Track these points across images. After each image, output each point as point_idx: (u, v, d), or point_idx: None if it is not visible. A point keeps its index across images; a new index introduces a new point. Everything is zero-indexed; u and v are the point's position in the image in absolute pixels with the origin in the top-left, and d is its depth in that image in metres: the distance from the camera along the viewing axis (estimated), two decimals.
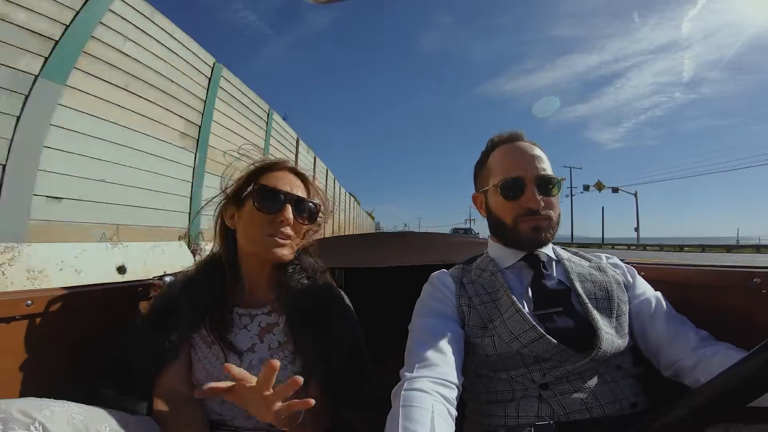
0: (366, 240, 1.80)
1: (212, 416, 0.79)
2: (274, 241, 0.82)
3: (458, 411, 0.63)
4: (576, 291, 0.81)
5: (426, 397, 0.59)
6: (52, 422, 0.53)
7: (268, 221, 0.82)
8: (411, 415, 0.56)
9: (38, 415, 0.52)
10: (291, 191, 0.85)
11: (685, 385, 0.73)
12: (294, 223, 0.84)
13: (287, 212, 0.82)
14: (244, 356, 0.80)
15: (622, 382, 0.74)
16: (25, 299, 0.74)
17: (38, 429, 0.51)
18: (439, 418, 0.56)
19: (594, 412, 0.69)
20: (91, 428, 0.57)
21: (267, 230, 0.82)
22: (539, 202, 0.81)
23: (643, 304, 0.82)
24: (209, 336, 0.81)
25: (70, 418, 0.55)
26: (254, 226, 0.83)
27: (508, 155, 0.88)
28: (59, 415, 0.54)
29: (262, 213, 0.82)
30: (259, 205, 0.82)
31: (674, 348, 0.74)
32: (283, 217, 0.82)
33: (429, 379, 0.64)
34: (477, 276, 0.89)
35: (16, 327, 0.73)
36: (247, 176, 0.86)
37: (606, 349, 0.72)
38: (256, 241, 0.83)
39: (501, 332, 0.76)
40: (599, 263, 0.90)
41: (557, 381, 0.72)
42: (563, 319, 0.77)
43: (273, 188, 0.83)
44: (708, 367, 0.68)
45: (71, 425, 0.55)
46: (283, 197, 0.83)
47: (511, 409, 0.74)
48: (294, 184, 0.87)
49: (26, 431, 0.50)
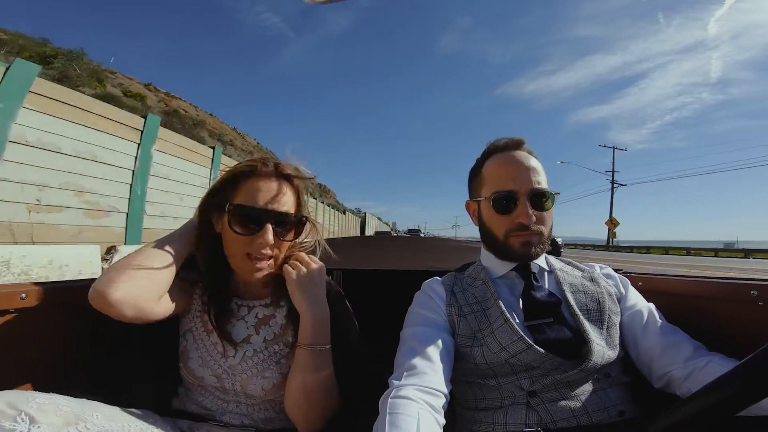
0: (365, 242, 1.80)
1: (200, 411, 0.80)
2: (252, 266, 0.77)
3: (447, 418, 0.63)
4: (567, 302, 0.81)
5: (412, 405, 0.59)
6: (40, 413, 0.52)
7: (246, 242, 0.76)
8: (396, 422, 0.56)
9: (25, 406, 0.52)
10: (271, 207, 0.76)
11: (676, 395, 0.73)
12: (276, 241, 0.77)
13: (267, 234, 0.75)
14: (239, 347, 0.81)
15: (611, 390, 0.74)
16: (19, 292, 0.74)
17: (25, 420, 0.51)
18: (425, 426, 0.56)
19: (581, 420, 0.70)
20: (81, 417, 0.56)
21: (245, 250, 0.77)
22: (531, 217, 0.80)
23: (635, 315, 0.81)
24: (210, 323, 0.81)
25: (58, 408, 0.55)
26: (232, 244, 0.78)
27: (502, 166, 0.85)
28: (46, 406, 0.54)
29: (238, 235, 0.76)
30: (235, 226, 0.75)
31: (666, 359, 0.74)
32: (262, 239, 0.75)
33: (415, 387, 0.63)
34: (468, 284, 0.89)
35: (9, 320, 0.74)
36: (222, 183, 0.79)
37: (596, 360, 0.72)
38: (235, 261, 0.79)
39: (489, 342, 0.76)
40: (592, 274, 0.89)
41: (545, 389, 0.72)
42: (553, 330, 0.76)
43: (249, 207, 0.75)
44: (699, 378, 0.68)
45: (60, 416, 0.54)
46: (262, 216, 0.76)
47: (499, 416, 0.74)
48: (277, 193, 0.78)
49: (13, 423, 0.50)
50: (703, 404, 0.46)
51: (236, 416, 0.80)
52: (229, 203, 0.76)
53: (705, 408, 0.45)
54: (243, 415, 0.80)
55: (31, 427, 0.50)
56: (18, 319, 0.75)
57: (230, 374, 0.79)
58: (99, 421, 0.58)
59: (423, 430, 0.55)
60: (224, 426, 0.78)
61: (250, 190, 0.77)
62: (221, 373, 0.79)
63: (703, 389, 0.46)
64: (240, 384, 0.79)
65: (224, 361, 0.79)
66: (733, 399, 0.44)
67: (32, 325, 0.77)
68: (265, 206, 0.76)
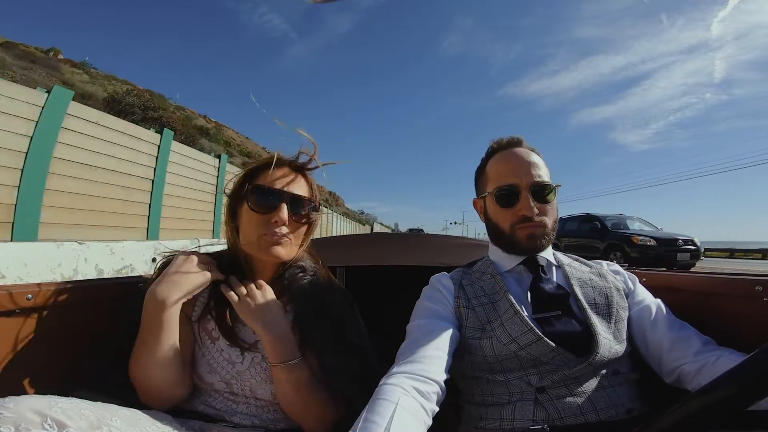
0: (368, 240, 1.80)
1: (210, 412, 0.80)
2: (269, 240, 0.80)
3: (454, 414, 0.63)
4: (575, 295, 0.82)
5: (395, 391, 0.59)
6: (67, 418, 0.52)
7: (263, 221, 0.80)
8: (374, 407, 0.56)
9: (50, 412, 0.51)
10: (287, 189, 0.82)
11: (686, 391, 0.72)
12: (290, 222, 0.81)
13: (282, 212, 0.79)
14: (247, 353, 0.81)
15: (619, 387, 0.74)
16: (25, 293, 0.74)
17: (52, 426, 0.50)
18: (404, 411, 0.56)
19: (589, 417, 0.70)
20: (103, 422, 0.56)
21: (261, 231, 0.80)
22: (533, 209, 0.82)
23: (643, 310, 0.82)
24: (215, 331, 0.81)
25: (81, 413, 0.54)
26: (250, 226, 0.81)
27: (504, 162, 0.89)
28: (70, 411, 0.53)
29: (257, 213, 0.80)
30: (253, 205, 0.80)
31: (676, 353, 0.74)
32: (278, 217, 0.79)
33: (405, 375, 0.64)
34: (477, 278, 0.90)
35: (16, 321, 0.73)
36: (243, 175, 0.85)
37: (603, 353, 0.72)
38: (252, 241, 0.81)
39: (499, 334, 0.77)
40: (600, 269, 0.91)
41: (554, 385, 0.73)
42: (561, 323, 0.77)
43: (267, 187, 0.81)
44: (711, 372, 0.67)
45: (84, 419, 0.53)
46: (278, 196, 0.81)
47: (506, 412, 0.74)
48: (292, 180, 0.84)
49: (40, 430, 0.49)
50: (709, 400, 0.46)
51: (246, 417, 0.80)
52: (248, 185, 0.82)
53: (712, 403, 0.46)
54: (253, 416, 0.80)
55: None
56: (25, 320, 0.75)
57: (239, 380, 0.79)
58: (119, 424, 0.58)
59: (399, 414, 0.54)
60: (234, 426, 0.78)
61: (266, 177, 0.83)
62: (230, 378, 0.79)
63: (710, 385, 0.46)
64: (249, 389, 0.79)
65: (231, 367, 0.79)
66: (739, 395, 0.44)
67: (39, 325, 0.77)
68: (281, 188, 0.81)
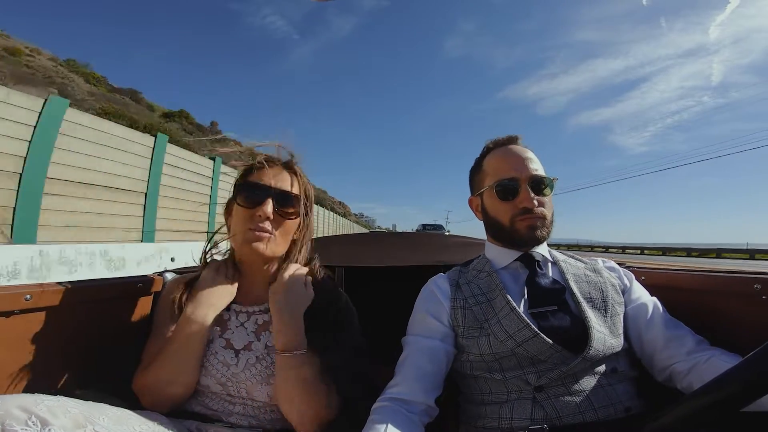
0: (366, 239, 1.79)
1: (206, 412, 0.80)
2: (252, 235, 0.80)
3: (453, 413, 0.64)
4: (571, 290, 0.82)
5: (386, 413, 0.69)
6: (51, 415, 0.53)
7: (249, 216, 0.81)
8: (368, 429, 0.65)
9: (35, 409, 0.52)
10: (274, 185, 0.83)
11: (678, 390, 0.73)
12: (275, 217, 0.82)
13: (266, 206, 0.80)
14: (241, 354, 0.81)
15: (617, 385, 0.74)
16: (24, 293, 0.74)
17: (36, 423, 0.51)
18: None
19: (587, 415, 0.70)
20: (90, 420, 0.56)
21: (247, 225, 0.81)
22: (533, 201, 0.84)
23: (639, 308, 0.82)
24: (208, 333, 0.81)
25: (67, 411, 0.55)
26: (237, 222, 0.83)
27: (502, 158, 0.91)
28: (56, 409, 0.54)
29: (242, 208, 0.82)
30: (241, 200, 0.82)
31: (669, 351, 0.75)
32: (261, 211, 0.80)
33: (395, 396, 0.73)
34: (473, 277, 0.91)
35: (15, 321, 0.73)
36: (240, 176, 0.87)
37: (598, 347, 0.72)
38: (237, 236, 0.83)
39: (496, 331, 0.77)
40: (595, 266, 0.91)
41: (552, 383, 0.72)
42: (557, 317, 0.78)
43: (254, 182, 0.83)
44: (701, 372, 0.68)
45: (69, 417, 0.54)
46: (264, 191, 0.82)
47: (505, 410, 0.74)
48: (281, 178, 0.85)
49: (24, 426, 0.50)
50: (706, 401, 0.46)
51: (243, 418, 0.80)
52: (237, 182, 0.85)
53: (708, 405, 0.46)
54: (250, 417, 0.80)
55: (42, 430, 0.51)
56: (23, 321, 0.75)
57: (234, 382, 0.79)
58: (106, 423, 0.58)
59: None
60: (231, 427, 0.78)
61: (259, 175, 0.85)
62: (225, 381, 0.79)
63: (706, 386, 0.47)
64: (245, 390, 0.79)
65: (226, 369, 0.79)
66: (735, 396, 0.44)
67: (38, 326, 0.77)
68: (267, 183, 0.83)
